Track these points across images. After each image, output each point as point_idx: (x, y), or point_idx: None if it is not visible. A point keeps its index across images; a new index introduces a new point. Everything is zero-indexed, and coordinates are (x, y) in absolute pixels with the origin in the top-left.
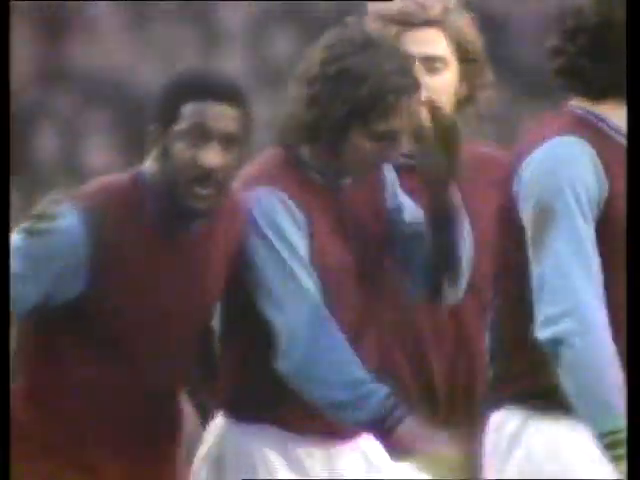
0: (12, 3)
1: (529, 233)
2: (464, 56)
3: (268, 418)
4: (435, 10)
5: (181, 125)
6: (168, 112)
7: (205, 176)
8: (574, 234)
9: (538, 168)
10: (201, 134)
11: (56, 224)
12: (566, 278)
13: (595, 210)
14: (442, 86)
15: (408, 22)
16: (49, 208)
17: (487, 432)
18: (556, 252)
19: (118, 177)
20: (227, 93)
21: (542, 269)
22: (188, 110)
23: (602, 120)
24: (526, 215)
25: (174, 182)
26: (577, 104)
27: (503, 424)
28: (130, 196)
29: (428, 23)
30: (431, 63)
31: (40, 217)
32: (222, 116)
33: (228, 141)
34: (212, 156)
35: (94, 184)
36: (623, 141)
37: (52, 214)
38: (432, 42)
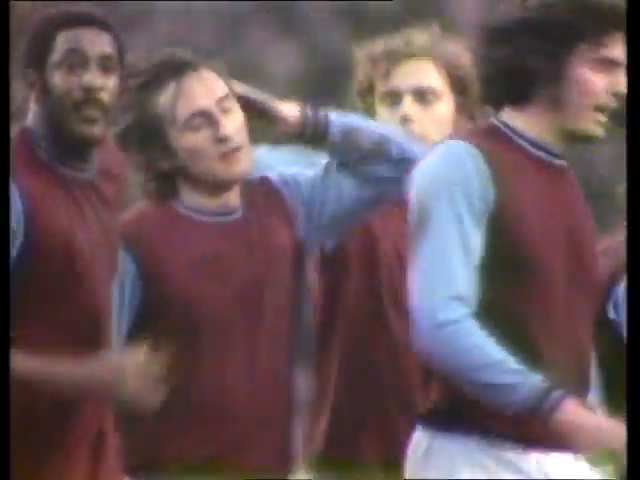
0: (12, 3)
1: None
2: (458, 87)
3: None
4: (419, 42)
5: (55, 56)
6: (39, 49)
7: (89, 98)
8: (443, 238)
9: (420, 172)
10: (78, 59)
11: None
12: (429, 280)
13: (480, 213)
14: (435, 118)
15: (394, 58)
16: None
17: (409, 449)
18: (424, 256)
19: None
20: (95, 18)
21: (415, 269)
22: (60, 39)
23: (507, 125)
24: (410, 220)
25: (59, 110)
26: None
27: (418, 442)
28: (19, 148)
29: (415, 56)
30: (422, 95)
31: None
32: (96, 39)
33: (106, 64)
34: (93, 77)
35: None
36: (524, 143)
37: None
38: (420, 73)
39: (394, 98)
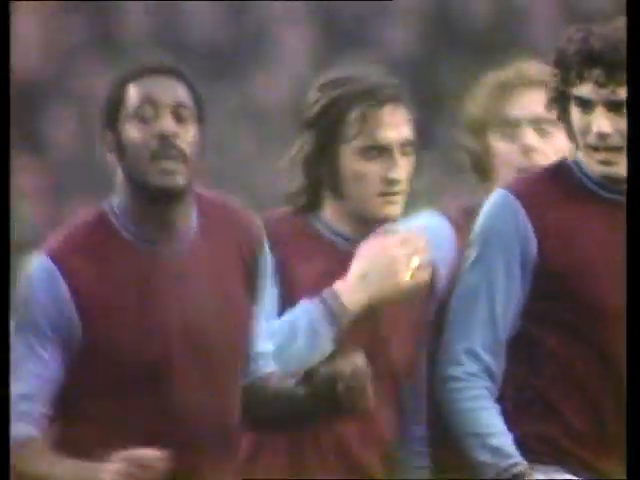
0: (12, 3)
1: None
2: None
3: None
4: (531, 72)
5: (127, 109)
6: (111, 106)
7: (165, 146)
8: (470, 290)
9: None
10: (150, 108)
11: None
12: (450, 331)
13: (520, 263)
14: (556, 148)
15: (508, 88)
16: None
17: None
18: (452, 305)
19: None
20: (167, 67)
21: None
22: (130, 91)
23: (576, 163)
24: None
25: (137, 163)
26: None
27: None
28: (98, 226)
29: (530, 85)
30: (540, 125)
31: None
32: (168, 87)
33: (181, 113)
34: (167, 124)
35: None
36: (592, 186)
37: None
38: (537, 103)
39: (513, 129)
